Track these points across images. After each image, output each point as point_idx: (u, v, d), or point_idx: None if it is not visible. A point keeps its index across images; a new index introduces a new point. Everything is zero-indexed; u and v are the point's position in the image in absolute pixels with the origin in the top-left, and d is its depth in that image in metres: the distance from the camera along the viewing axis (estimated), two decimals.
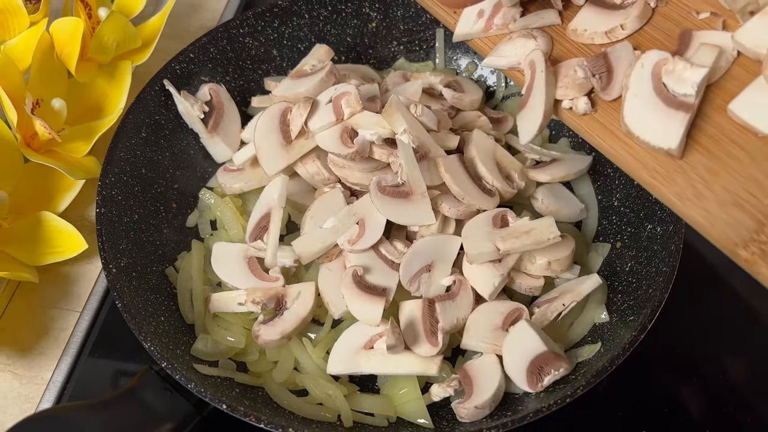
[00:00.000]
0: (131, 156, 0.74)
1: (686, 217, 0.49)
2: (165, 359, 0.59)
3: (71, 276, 0.78)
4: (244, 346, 0.67)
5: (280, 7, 0.83)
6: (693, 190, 0.49)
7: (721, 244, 0.47)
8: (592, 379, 0.58)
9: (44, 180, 0.78)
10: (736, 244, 0.46)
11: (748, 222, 0.47)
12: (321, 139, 0.70)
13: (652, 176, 0.51)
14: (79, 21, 0.77)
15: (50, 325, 0.74)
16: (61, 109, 0.76)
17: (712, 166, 0.50)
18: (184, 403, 0.60)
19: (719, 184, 0.49)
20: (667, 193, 0.50)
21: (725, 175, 0.49)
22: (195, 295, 0.70)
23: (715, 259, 0.77)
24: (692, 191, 0.49)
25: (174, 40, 0.92)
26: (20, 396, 0.70)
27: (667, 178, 0.50)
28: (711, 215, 0.48)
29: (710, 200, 0.48)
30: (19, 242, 0.74)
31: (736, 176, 0.49)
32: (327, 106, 0.71)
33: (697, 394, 0.70)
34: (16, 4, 0.78)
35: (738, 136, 0.50)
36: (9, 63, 0.72)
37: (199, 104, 0.78)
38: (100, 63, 0.82)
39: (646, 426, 0.68)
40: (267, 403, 0.64)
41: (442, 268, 0.66)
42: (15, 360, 0.72)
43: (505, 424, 0.56)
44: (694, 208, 0.49)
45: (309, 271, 0.71)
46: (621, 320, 0.65)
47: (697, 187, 0.49)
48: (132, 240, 0.70)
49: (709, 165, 0.50)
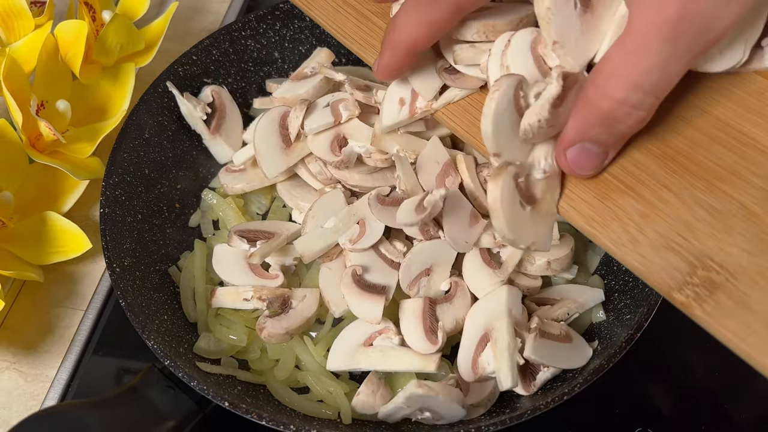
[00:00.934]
0: (135, 157, 0.74)
1: (624, 262, 0.49)
2: (168, 357, 0.59)
3: (75, 275, 0.78)
4: (246, 344, 0.67)
5: (281, 9, 0.83)
6: (627, 235, 0.49)
7: (658, 288, 0.47)
8: (589, 376, 0.58)
9: (49, 180, 0.78)
10: (672, 287, 0.47)
11: (681, 265, 0.47)
12: (312, 142, 0.70)
13: (589, 224, 0.51)
14: (83, 24, 0.77)
15: (55, 323, 0.75)
16: (66, 110, 0.76)
17: (644, 210, 0.50)
18: (186, 400, 0.60)
19: (652, 228, 0.49)
20: (603, 239, 0.50)
21: (657, 219, 0.49)
22: (197, 294, 0.70)
23: None
24: (627, 236, 0.49)
25: (177, 43, 0.92)
26: (25, 393, 0.70)
27: (603, 225, 0.50)
28: (646, 260, 0.48)
29: (644, 245, 0.48)
30: (24, 242, 0.74)
31: (666, 220, 0.49)
32: (325, 109, 0.71)
33: (695, 392, 0.70)
34: (21, 7, 0.78)
35: (667, 179, 0.50)
36: (14, 65, 0.72)
37: (202, 106, 0.78)
38: (104, 65, 0.83)
39: (643, 423, 0.68)
40: (269, 401, 0.64)
41: (440, 271, 0.66)
42: (20, 358, 0.72)
43: (503, 421, 0.56)
44: (629, 253, 0.49)
45: (309, 270, 0.71)
46: (618, 319, 0.65)
47: (630, 232, 0.49)
48: (135, 240, 0.70)
49: (641, 209, 0.50)
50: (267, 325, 0.65)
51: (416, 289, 0.65)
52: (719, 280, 0.46)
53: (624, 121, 0.46)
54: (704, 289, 0.46)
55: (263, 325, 0.65)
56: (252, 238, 0.69)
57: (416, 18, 0.50)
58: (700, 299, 0.46)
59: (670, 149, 0.52)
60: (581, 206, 0.52)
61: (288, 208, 0.76)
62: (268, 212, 0.77)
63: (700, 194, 0.49)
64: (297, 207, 0.74)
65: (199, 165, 0.80)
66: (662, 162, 0.51)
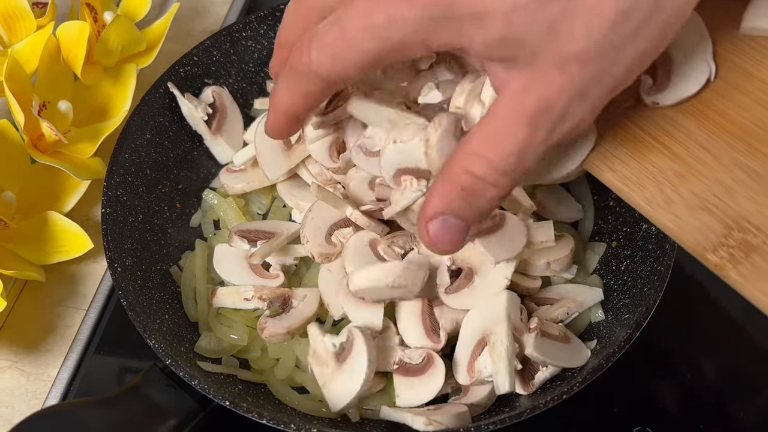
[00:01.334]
0: (136, 157, 0.74)
1: (657, 222, 0.48)
2: (169, 356, 0.59)
3: (77, 275, 0.78)
4: (246, 343, 0.67)
5: (281, 11, 0.83)
6: (662, 195, 0.48)
7: (691, 249, 0.47)
8: (588, 376, 0.58)
9: (51, 180, 0.78)
10: (706, 248, 0.46)
11: (716, 226, 0.46)
12: (312, 147, 0.70)
13: (623, 182, 0.50)
14: (84, 25, 0.77)
15: (56, 322, 0.75)
16: (67, 111, 0.76)
17: (680, 171, 0.49)
18: (187, 399, 0.60)
19: (688, 188, 0.48)
20: (637, 199, 0.49)
21: (693, 180, 0.48)
22: (199, 294, 0.70)
23: None
24: (662, 196, 0.48)
25: (178, 44, 0.92)
26: (27, 392, 0.70)
27: (638, 184, 0.50)
28: (680, 220, 0.47)
29: (679, 205, 0.48)
30: (26, 242, 0.74)
31: (704, 180, 0.48)
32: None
33: (694, 391, 0.70)
34: (23, 8, 0.78)
35: (705, 140, 0.49)
36: (16, 66, 0.72)
37: (203, 106, 0.78)
38: (105, 66, 0.83)
39: (642, 422, 0.68)
40: (269, 400, 0.64)
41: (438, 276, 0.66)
42: (22, 357, 0.72)
43: (502, 420, 0.56)
44: (663, 213, 0.48)
45: (310, 270, 0.71)
46: (616, 318, 0.65)
47: (666, 192, 0.48)
48: (137, 239, 0.70)
49: (678, 169, 0.49)
50: (268, 325, 0.65)
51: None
52: (756, 242, 0.44)
53: (483, 196, 0.48)
54: (740, 251, 0.45)
55: (264, 325, 0.65)
56: (252, 238, 0.69)
57: (291, 87, 0.52)
58: (735, 261, 0.45)
59: (709, 110, 0.50)
60: (615, 164, 0.51)
61: (288, 207, 0.76)
62: (269, 212, 0.77)
63: (740, 156, 0.48)
64: (297, 207, 0.74)
65: (200, 165, 0.80)
66: (701, 123, 0.50)
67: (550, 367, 0.61)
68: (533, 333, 0.61)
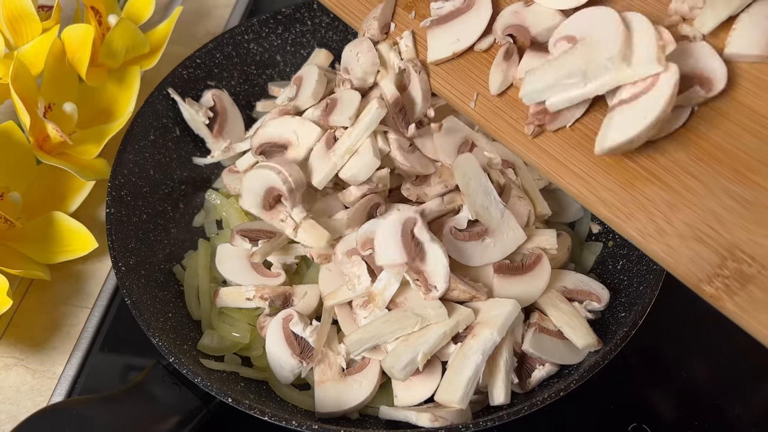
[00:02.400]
0: (140, 158, 0.74)
1: (650, 253, 0.47)
2: (172, 354, 0.59)
3: (82, 274, 0.78)
4: (248, 341, 0.67)
5: (283, 14, 0.83)
6: (654, 225, 0.47)
7: (686, 280, 0.46)
8: (585, 373, 0.58)
9: (56, 181, 0.78)
10: (701, 279, 0.45)
11: (710, 256, 0.45)
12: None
13: (613, 213, 0.49)
14: (89, 28, 0.77)
15: (62, 321, 0.75)
16: (73, 112, 0.77)
17: (670, 200, 0.48)
18: (190, 396, 0.60)
19: (679, 218, 0.47)
20: (628, 230, 0.48)
21: (684, 209, 0.47)
22: (201, 292, 0.71)
23: None
24: (654, 227, 0.47)
25: (181, 46, 0.92)
26: (33, 390, 0.70)
27: (627, 214, 0.49)
28: (674, 251, 0.46)
29: (671, 235, 0.47)
30: (32, 241, 0.74)
31: (695, 210, 0.47)
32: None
33: (687, 388, 0.70)
34: (29, 11, 0.78)
35: (694, 168, 0.48)
36: (22, 68, 0.72)
37: (204, 110, 0.78)
38: (110, 68, 0.83)
39: (637, 419, 0.68)
40: (271, 397, 0.64)
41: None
42: (28, 355, 0.72)
43: (500, 417, 0.56)
44: (656, 243, 0.47)
45: (310, 269, 0.71)
46: (613, 317, 0.65)
47: (658, 223, 0.47)
48: (140, 239, 0.70)
49: (668, 199, 0.48)
50: (267, 323, 0.65)
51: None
52: (751, 272, 0.44)
53: None
54: (735, 282, 0.44)
55: (263, 324, 0.65)
56: (254, 238, 0.69)
57: None
58: (731, 292, 0.44)
59: (698, 138, 0.49)
60: (603, 194, 0.50)
61: None
62: None
63: (730, 184, 0.47)
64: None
65: (202, 166, 0.80)
66: (689, 151, 0.49)
67: (546, 365, 0.61)
68: (531, 329, 0.61)
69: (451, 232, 0.62)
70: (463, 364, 0.58)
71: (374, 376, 0.61)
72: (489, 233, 0.62)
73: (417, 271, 0.59)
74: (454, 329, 0.60)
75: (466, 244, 0.62)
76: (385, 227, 0.59)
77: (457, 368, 0.58)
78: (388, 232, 0.59)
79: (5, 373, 0.71)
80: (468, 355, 0.59)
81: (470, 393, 0.58)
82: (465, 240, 0.62)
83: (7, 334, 0.74)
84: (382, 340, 0.60)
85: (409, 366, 0.58)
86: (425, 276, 0.59)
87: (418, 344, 0.58)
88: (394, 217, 0.59)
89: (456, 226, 0.62)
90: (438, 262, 0.58)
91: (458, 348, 0.60)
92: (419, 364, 0.58)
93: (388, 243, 0.58)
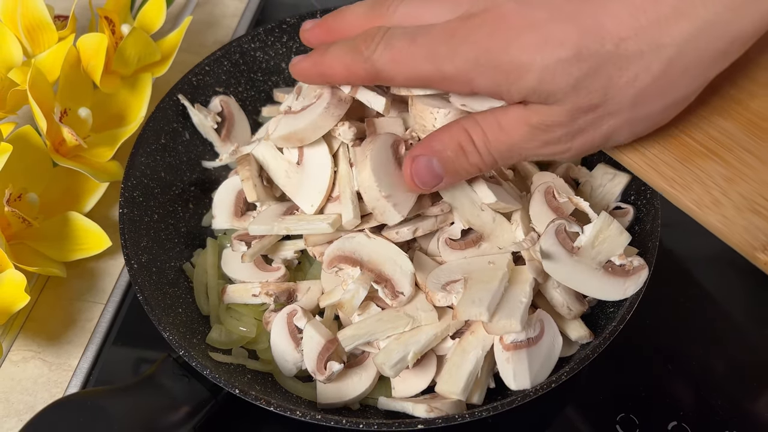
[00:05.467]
0: (151, 161, 0.74)
1: (705, 223, 0.48)
2: (182, 348, 0.59)
3: (96, 271, 0.78)
4: (255, 335, 0.68)
5: (288, 23, 0.83)
6: (710, 197, 0.48)
7: (740, 248, 0.46)
8: (575, 366, 0.58)
9: (71, 183, 0.79)
10: (755, 248, 0.46)
11: (765, 226, 0.46)
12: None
13: (671, 185, 0.50)
14: (103, 37, 0.77)
15: (77, 316, 0.75)
16: (87, 117, 0.77)
17: (727, 174, 0.49)
18: (200, 387, 0.60)
19: (735, 190, 0.48)
20: (685, 201, 0.49)
21: (740, 182, 0.48)
22: (210, 289, 0.71)
23: (693, 252, 0.77)
24: (710, 198, 0.48)
25: (191, 54, 0.92)
26: (49, 381, 0.71)
27: (684, 186, 0.50)
28: (729, 221, 0.47)
29: (727, 207, 0.47)
30: (48, 240, 0.74)
31: (750, 183, 0.48)
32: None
33: (673, 379, 0.70)
34: (46, 21, 0.78)
35: (750, 144, 0.49)
36: (39, 75, 0.72)
37: (212, 116, 0.78)
38: (122, 75, 0.83)
39: (625, 409, 0.68)
40: (276, 388, 0.64)
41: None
42: (45, 348, 0.73)
43: (494, 407, 0.56)
44: (712, 214, 0.48)
45: (313, 265, 0.71)
46: (602, 312, 0.65)
47: (714, 195, 0.48)
48: (152, 238, 0.71)
49: (724, 173, 0.49)
50: (272, 318, 0.65)
51: None
52: None
53: (467, 159, 0.53)
54: None
55: (269, 319, 0.65)
56: (248, 241, 0.69)
57: (343, 58, 0.54)
58: None
59: (752, 115, 0.50)
60: (662, 168, 0.51)
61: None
62: None
63: None
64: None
65: (211, 169, 0.80)
66: (745, 128, 0.50)
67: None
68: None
69: (446, 243, 0.62)
70: (462, 359, 0.59)
71: (373, 369, 0.62)
72: (484, 239, 0.62)
73: (384, 279, 0.59)
74: (444, 332, 0.60)
75: (464, 252, 0.62)
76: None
77: (456, 362, 0.59)
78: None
79: (23, 365, 0.71)
80: (467, 350, 0.59)
81: (470, 385, 0.58)
82: (462, 249, 0.62)
83: (25, 329, 0.74)
84: (375, 337, 0.60)
85: (399, 364, 0.58)
86: (392, 283, 0.59)
87: (410, 344, 0.59)
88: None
89: (450, 236, 0.62)
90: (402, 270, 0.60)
91: (456, 343, 0.60)
92: (410, 362, 0.58)
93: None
